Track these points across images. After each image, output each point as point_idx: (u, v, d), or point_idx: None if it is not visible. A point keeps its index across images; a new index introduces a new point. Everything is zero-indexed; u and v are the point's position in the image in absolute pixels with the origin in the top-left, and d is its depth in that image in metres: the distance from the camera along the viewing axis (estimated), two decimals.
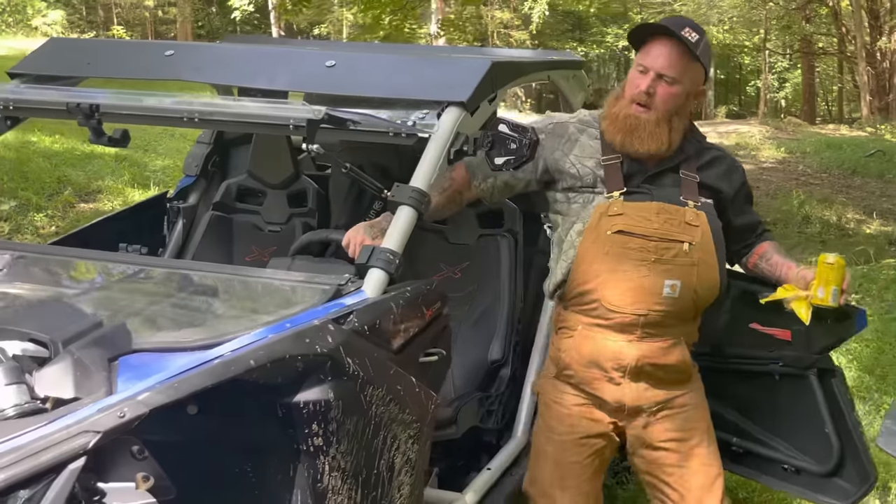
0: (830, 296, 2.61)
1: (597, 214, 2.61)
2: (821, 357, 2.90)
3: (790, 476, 3.00)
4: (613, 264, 2.57)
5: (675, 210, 2.60)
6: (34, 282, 2.36)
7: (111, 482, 1.92)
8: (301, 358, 1.88)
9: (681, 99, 2.59)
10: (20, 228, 7.20)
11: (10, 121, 2.72)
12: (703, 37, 2.57)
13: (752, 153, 15.87)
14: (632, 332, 2.60)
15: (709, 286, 2.64)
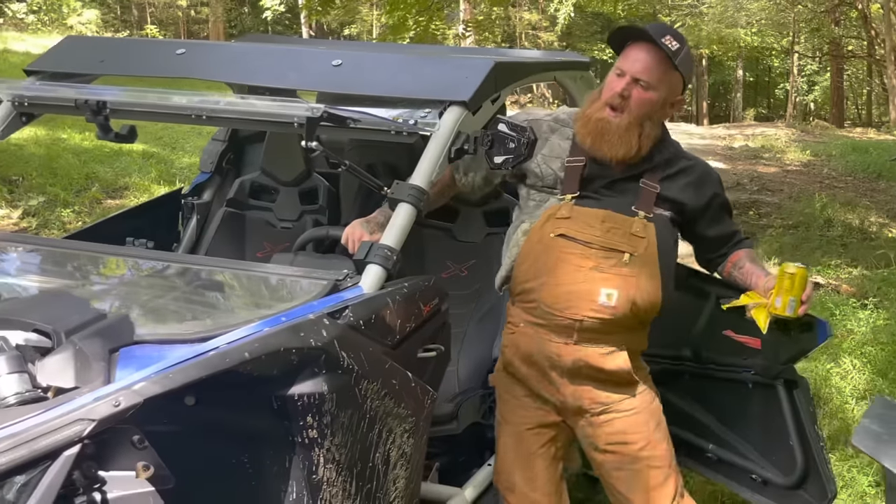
0: (787, 306, 2.57)
1: (545, 216, 2.63)
2: (786, 367, 2.87)
3: (758, 486, 2.98)
4: (552, 267, 2.59)
5: (622, 220, 2.60)
6: (42, 274, 2.42)
7: (112, 471, 1.97)
8: (295, 351, 1.91)
9: (655, 105, 2.58)
10: (47, 223, 7.30)
11: (25, 117, 2.78)
12: (683, 46, 2.56)
13: (777, 156, 15.74)
14: (569, 335, 2.60)
15: (648, 299, 2.61)
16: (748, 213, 10.43)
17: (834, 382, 5.25)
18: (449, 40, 16.46)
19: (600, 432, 2.68)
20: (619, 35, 2.62)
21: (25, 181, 7.94)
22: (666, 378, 3.10)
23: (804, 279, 2.57)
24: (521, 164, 2.37)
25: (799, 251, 8.44)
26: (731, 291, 2.85)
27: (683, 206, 2.70)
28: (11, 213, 7.26)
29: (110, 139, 2.44)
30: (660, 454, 2.69)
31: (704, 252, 2.87)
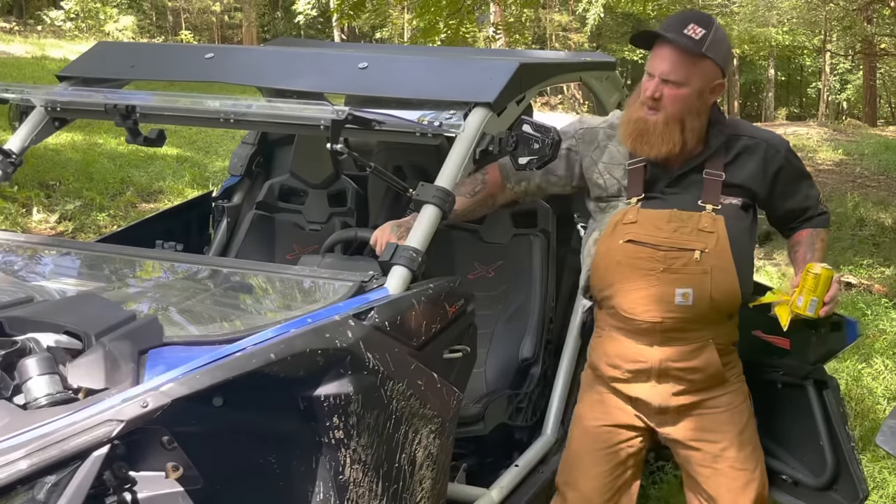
0: (808, 306, 2.54)
1: (612, 223, 2.63)
2: (816, 368, 2.85)
3: (789, 487, 2.96)
4: (625, 273, 2.58)
5: (689, 217, 2.57)
6: (73, 277, 2.45)
7: (142, 471, 2.00)
8: (321, 352, 1.92)
9: (691, 99, 2.52)
10: (83, 227, 7.39)
11: (57, 122, 2.83)
12: (709, 31, 2.48)
13: (808, 155, 15.59)
14: (652, 336, 2.60)
15: (726, 292, 2.58)
16: None
17: (865, 383, 5.19)
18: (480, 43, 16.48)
19: (686, 428, 2.67)
20: (638, 40, 2.60)
21: (62, 186, 8.04)
22: None
23: (828, 280, 2.54)
24: (545, 164, 2.36)
25: (831, 251, 8.34)
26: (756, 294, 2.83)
27: (751, 189, 2.65)
28: (49, 217, 7.35)
29: (139, 143, 2.47)
30: (745, 456, 2.68)
31: (777, 223, 2.83)
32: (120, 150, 9.65)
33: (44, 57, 18.25)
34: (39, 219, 7.21)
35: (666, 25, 2.51)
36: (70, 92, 2.76)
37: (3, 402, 1.72)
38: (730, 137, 2.65)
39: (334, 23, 25.45)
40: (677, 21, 2.51)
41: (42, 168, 8.22)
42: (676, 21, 2.51)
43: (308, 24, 30.56)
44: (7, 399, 1.74)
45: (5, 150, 2.72)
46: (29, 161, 8.05)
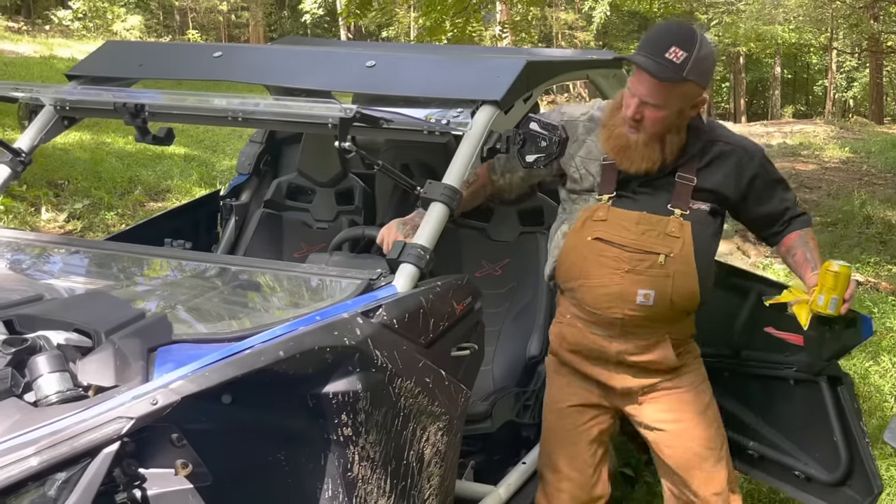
0: (830, 304, 2.58)
1: (582, 218, 2.66)
2: (830, 364, 2.86)
3: (801, 483, 2.98)
4: (591, 270, 2.63)
5: (658, 220, 2.60)
6: (83, 275, 2.46)
7: (151, 468, 2.01)
8: (329, 350, 1.93)
9: (671, 119, 2.53)
10: (92, 226, 7.41)
11: (66, 120, 2.84)
12: (691, 53, 2.44)
13: (815, 153, 15.55)
14: (612, 329, 2.66)
15: (686, 296, 2.63)
16: None
17: (873, 380, 5.20)
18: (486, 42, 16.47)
19: (648, 410, 2.74)
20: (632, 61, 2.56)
21: (71, 185, 8.07)
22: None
23: (847, 277, 2.57)
24: (552, 162, 2.37)
25: (837, 249, 8.34)
26: (772, 289, 2.88)
27: (723, 195, 2.68)
28: (57, 216, 7.38)
29: (148, 142, 2.48)
30: (711, 435, 2.73)
31: (758, 230, 2.87)
32: (128, 149, 9.68)
33: (52, 56, 18.30)
34: (48, 218, 7.24)
35: (648, 48, 2.47)
36: (79, 91, 2.77)
37: (14, 400, 1.73)
38: (706, 143, 2.67)
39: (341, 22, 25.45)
40: (659, 44, 2.46)
41: (51, 167, 8.25)
42: (658, 44, 2.46)
43: (315, 23, 30.56)
44: (18, 396, 1.74)
45: (15, 149, 2.73)
46: (38, 160, 8.10)
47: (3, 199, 6.78)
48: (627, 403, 2.76)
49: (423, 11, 10.18)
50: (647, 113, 2.51)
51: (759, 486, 3.96)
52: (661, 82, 2.45)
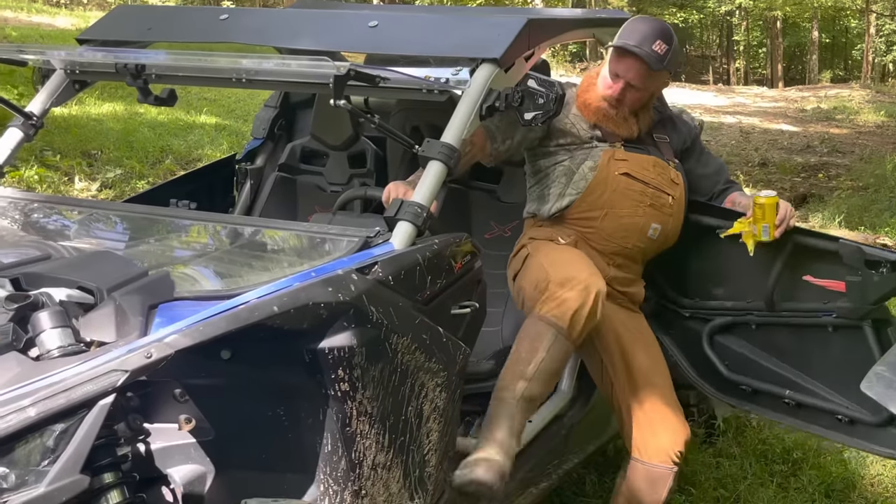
0: (763, 231, 2.89)
1: (606, 156, 2.97)
2: (876, 307, 2.87)
3: (844, 426, 2.98)
4: (617, 200, 2.96)
5: (664, 166, 3.04)
6: (90, 235, 2.51)
7: (156, 423, 2.06)
8: (324, 305, 1.94)
9: (645, 99, 3.00)
10: (123, 195, 7.49)
11: (77, 84, 2.88)
12: (671, 46, 2.91)
13: (850, 117, 15.32)
14: (615, 258, 3.00)
15: (674, 235, 3.06)
16: (817, 176, 10.23)
17: None
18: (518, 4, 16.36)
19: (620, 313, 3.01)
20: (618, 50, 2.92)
21: (103, 154, 8.14)
22: (729, 330, 3.21)
23: (773, 207, 2.87)
24: (550, 119, 2.38)
25: (868, 212, 8.24)
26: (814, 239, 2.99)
27: (678, 149, 3.15)
28: (90, 185, 7.45)
29: (150, 102, 2.50)
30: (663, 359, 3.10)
31: (705, 190, 3.23)
32: (160, 119, 9.75)
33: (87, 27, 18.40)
34: (81, 187, 7.32)
35: (635, 39, 2.88)
36: (85, 53, 2.80)
37: (15, 354, 1.77)
38: (661, 113, 3.16)
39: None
40: (646, 37, 2.88)
41: (84, 137, 8.33)
42: (645, 36, 2.88)
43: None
44: (20, 351, 1.78)
45: (27, 113, 2.77)
46: (72, 131, 8.22)
47: (38, 169, 6.88)
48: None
49: None
50: (629, 94, 2.94)
51: (773, 447, 3.96)
52: (646, 69, 2.88)
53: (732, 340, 3.21)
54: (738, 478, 3.75)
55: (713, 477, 3.75)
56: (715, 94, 21.22)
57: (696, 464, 3.78)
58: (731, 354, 3.21)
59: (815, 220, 8.31)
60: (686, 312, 3.29)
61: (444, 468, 2.39)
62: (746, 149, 12.39)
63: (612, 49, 2.94)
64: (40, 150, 7.22)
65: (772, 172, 10.61)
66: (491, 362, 2.92)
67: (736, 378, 3.19)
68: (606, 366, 2.97)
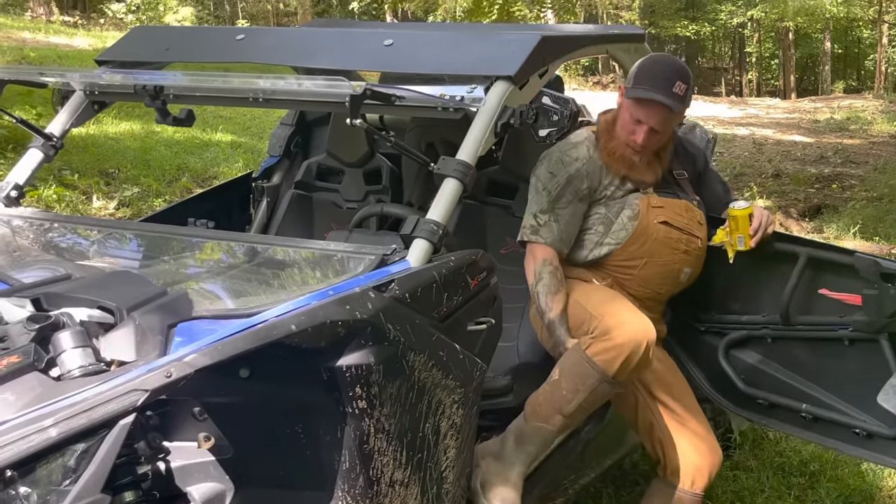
0: (738, 242, 2.96)
1: (644, 203, 2.95)
2: (893, 320, 2.84)
3: (862, 440, 2.96)
4: (658, 249, 2.94)
5: (693, 210, 3.03)
6: (109, 254, 2.53)
7: (175, 441, 2.07)
8: (342, 323, 1.96)
9: (666, 138, 2.98)
10: (141, 213, 7.54)
11: (96, 105, 2.91)
12: (689, 84, 2.89)
13: (863, 127, 15.27)
14: (648, 302, 2.98)
15: (695, 278, 3.07)
16: (831, 187, 10.20)
17: None
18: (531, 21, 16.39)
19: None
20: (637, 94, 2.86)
21: (121, 173, 8.20)
22: (744, 344, 3.20)
23: (745, 219, 2.93)
24: (565, 135, 2.39)
25: (882, 223, 8.21)
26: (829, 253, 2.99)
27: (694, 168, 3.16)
28: (108, 203, 7.51)
29: (169, 123, 2.53)
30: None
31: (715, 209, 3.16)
32: (176, 137, 9.82)
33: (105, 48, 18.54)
34: (99, 206, 7.37)
35: (657, 84, 2.82)
36: (105, 74, 2.84)
37: (37, 374, 1.79)
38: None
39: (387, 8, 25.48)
40: (667, 80, 2.83)
41: (102, 156, 8.40)
42: (666, 79, 2.83)
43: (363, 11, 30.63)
44: (42, 371, 1.80)
45: (47, 134, 2.81)
46: (89, 150, 8.28)
47: (57, 189, 6.94)
48: None
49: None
50: (653, 138, 2.90)
51: (790, 459, 3.94)
52: (669, 113, 2.86)
53: (748, 354, 3.20)
54: (755, 491, 3.74)
55: (730, 490, 3.73)
56: (728, 105, 21.20)
57: (714, 477, 3.77)
58: (748, 368, 3.20)
59: (829, 230, 8.29)
60: (702, 327, 3.29)
61: (462, 485, 2.40)
62: (760, 160, 12.36)
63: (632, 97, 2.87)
64: (59, 170, 7.28)
65: (785, 183, 10.58)
66: (507, 378, 2.93)
67: (752, 392, 3.18)
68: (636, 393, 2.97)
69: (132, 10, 27.20)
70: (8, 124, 7.58)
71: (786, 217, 8.69)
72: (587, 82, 23.29)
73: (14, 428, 1.62)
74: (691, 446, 2.93)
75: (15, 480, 1.63)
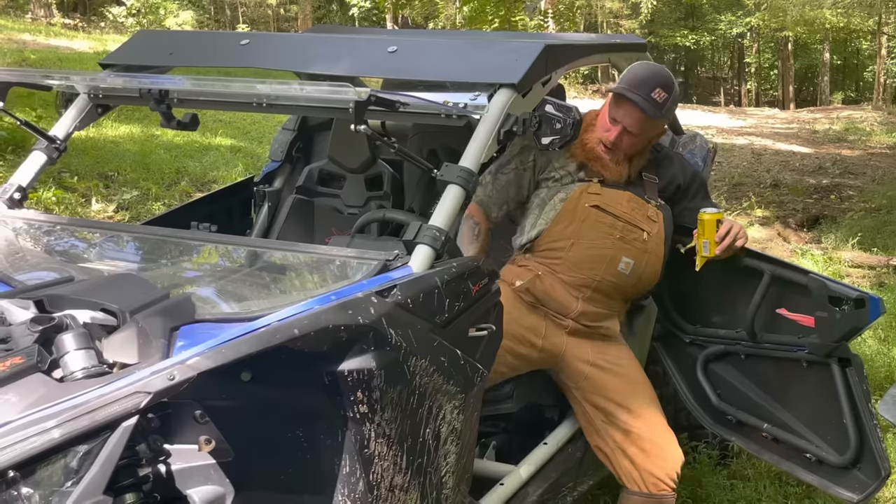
0: (703, 248, 2.96)
1: (578, 190, 3.00)
2: (840, 345, 2.85)
3: (812, 466, 2.97)
4: (585, 231, 2.95)
5: (642, 203, 3.02)
6: (112, 257, 2.54)
7: (176, 444, 2.07)
8: (344, 328, 1.96)
9: (641, 145, 3.01)
10: (139, 216, 7.54)
11: (100, 108, 2.92)
12: (670, 95, 2.94)
13: (862, 139, 15.31)
14: (583, 291, 2.96)
15: (652, 274, 3.03)
16: (829, 197, 10.22)
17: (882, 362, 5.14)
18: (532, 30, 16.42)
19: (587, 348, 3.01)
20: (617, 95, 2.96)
21: (120, 176, 8.21)
22: (722, 358, 3.20)
23: (713, 224, 2.94)
24: (567, 143, 2.40)
25: (880, 234, 8.23)
26: (787, 271, 2.96)
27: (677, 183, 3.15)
28: (107, 206, 7.51)
29: (173, 127, 2.54)
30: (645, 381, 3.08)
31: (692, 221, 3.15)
32: (176, 141, 9.83)
33: (105, 52, 18.47)
34: (98, 209, 7.38)
35: (636, 86, 2.91)
36: (110, 78, 2.85)
37: (40, 375, 1.79)
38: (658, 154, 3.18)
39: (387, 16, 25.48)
40: (647, 84, 2.91)
41: (101, 159, 8.40)
42: (646, 83, 2.92)
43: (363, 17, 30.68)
44: (45, 372, 1.80)
45: (51, 136, 2.81)
46: (89, 153, 8.28)
47: (56, 191, 6.95)
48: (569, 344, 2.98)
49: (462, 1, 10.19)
50: (626, 139, 2.96)
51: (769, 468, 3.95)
52: (645, 116, 2.90)
53: (724, 369, 3.22)
54: (752, 500, 3.74)
55: (727, 499, 3.74)
56: (728, 115, 21.26)
57: (711, 486, 3.78)
58: (722, 383, 3.22)
59: (827, 241, 8.30)
60: (687, 338, 3.31)
61: (461, 490, 2.40)
62: (758, 170, 12.40)
63: (612, 93, 2.98)
64: (58, 172, 7.28)
65: (784, 194, 10.61)
66: (509, 384, 2.94)
67: (723, 407, 3.20)
68: (581, 403, 2.99)
69: (132, 13, 27.24)
70: (7, 126, 7.59)
71: (784, 227, 8.70)
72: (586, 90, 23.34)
73: (17, 429, 1.62)
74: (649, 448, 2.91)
75: (17, 481, 1.63)
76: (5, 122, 7.56)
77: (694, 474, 3.81)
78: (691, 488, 3.75)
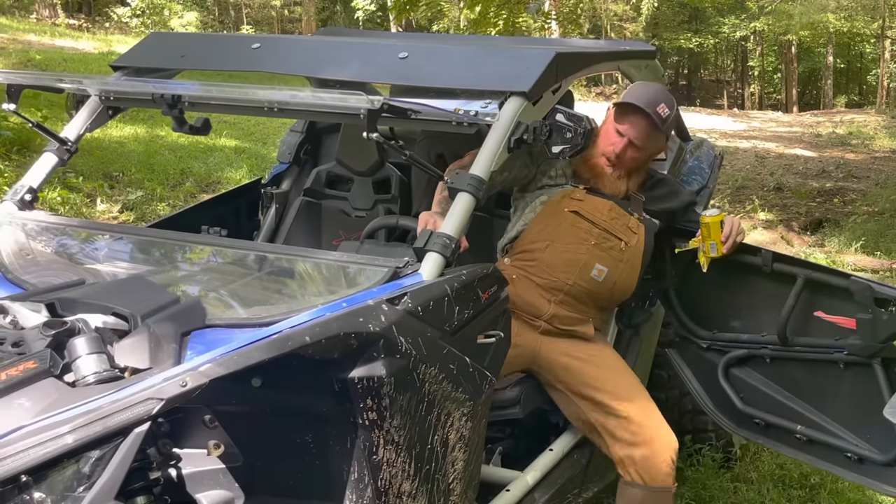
0: (710, 249, 3.02)
1: (560, 194, 3.05)
2: (886, 346, 2.85)
3: (853, 464, 2.97)
4: (561, 234, 2.98)
5: (623, 213, 3.04)
6: (122, 261, 2.54)
7: (185, 448, 2.08)
8: (355, 335, 1.97)
9: (642, 160, 3.09)
10: (144, 217, 7.55)
11: (111, 110, 2.92)
12: (672, 112, 3.04)
13: (865, 142, 15.30)
14: (556, 295, 2.97)
15: (626, 285, 3.06)
16: (833, 201, 10.22)
17: None
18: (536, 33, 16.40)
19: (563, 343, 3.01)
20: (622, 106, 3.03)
21: (125, 177, 8.21)
22: (745, 362, 3.20)
23: (717, 225, 3.00)
24: (578, 153, 2.41)
25: (883, 238, 8.23)
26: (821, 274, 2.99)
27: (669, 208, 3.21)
28: (112, 207, 7.51)
29: (185, 131, 2.54)
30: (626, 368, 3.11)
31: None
32: (181, 142, 9.83)
33: (110, 52, 18.55)
34: (103, 209, 7.38)
35: (642, 101, 2.98)
36: (122, 81, 2.85)
37: (52, 380, 1.80)
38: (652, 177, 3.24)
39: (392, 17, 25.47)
40: (652, 100, 3.00)
41: (106, 160, 8.41)
42: (651, 99, 3.00)
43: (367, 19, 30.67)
44: (57, 377, 1.81)
45: (61, 138, 2.82)
46: (94, 153, 8.29)
47: (61, 191, 6.95)
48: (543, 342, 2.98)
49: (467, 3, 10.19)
50: (630, 152, 3.02)
51: (791, 472, 3.95)
52: (650, 129, 2.99)
53: (747, 373, 3.22)
54: (755, 503, 3.75)
55: (731, 502, 3.75)
56: (732, 118, 21.25)
57: (714, 489, 3.79)
58: (746, 387, 3.22)
59: (830, 244, 8.30)
60: (704, 343, 3.31)
61: (468, 497, 2.41)
62: (762, 173, 12.39)
63: (618, 106, 3.01)
64: (63, 172, 7.28)
65: (787, 197, 10.61)
66: (515, 390, 2.94)
67: (750, 411, 3.20)
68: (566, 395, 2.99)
69: (137, 14, 27.24)
70: (13, 126, 7.59)
71: (787, 230, 8.70)
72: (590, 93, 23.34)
73: (30, 434, 1.63)
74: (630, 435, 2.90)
75: (30, 486, 1.64)
76: (11, 122, 7.57)
77: (698, 477, 3.82)
78: (695, 491, 3.76)
